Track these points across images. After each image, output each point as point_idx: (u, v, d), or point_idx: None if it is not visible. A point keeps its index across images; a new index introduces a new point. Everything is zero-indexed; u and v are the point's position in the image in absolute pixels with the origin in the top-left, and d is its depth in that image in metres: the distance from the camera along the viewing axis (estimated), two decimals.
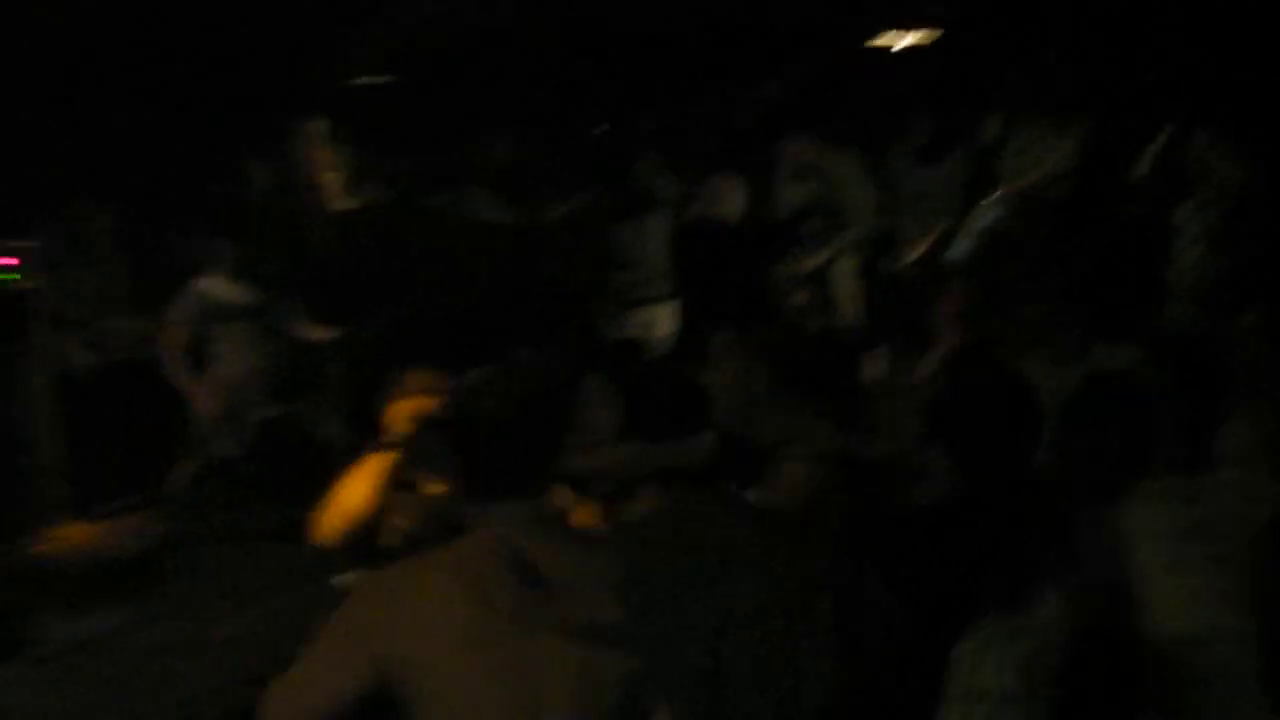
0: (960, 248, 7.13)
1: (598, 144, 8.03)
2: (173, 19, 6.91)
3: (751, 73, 8.01)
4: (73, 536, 6.60)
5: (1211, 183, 6.36)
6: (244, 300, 6.28)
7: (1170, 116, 6.66)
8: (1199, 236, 6.40)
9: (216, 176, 7.63)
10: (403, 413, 3.44)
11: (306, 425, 6.16)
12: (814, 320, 6.41)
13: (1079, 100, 7.14)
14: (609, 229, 7.36)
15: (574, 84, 8.00)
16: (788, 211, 7.68)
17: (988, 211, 7.15)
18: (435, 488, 3.16)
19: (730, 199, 7.66)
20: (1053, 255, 6.88)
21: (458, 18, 7.81)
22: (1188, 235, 6.45)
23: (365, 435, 6.17)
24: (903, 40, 7.22)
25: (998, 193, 7.21)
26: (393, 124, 8.18)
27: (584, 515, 2.75)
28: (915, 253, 7.34)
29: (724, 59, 7.93)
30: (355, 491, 3.44)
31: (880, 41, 7.30)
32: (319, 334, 6.49)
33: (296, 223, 7.87)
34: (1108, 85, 7.15)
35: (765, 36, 7.68)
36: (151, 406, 6.35)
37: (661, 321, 7.24)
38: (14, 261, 5.59)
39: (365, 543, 3.42)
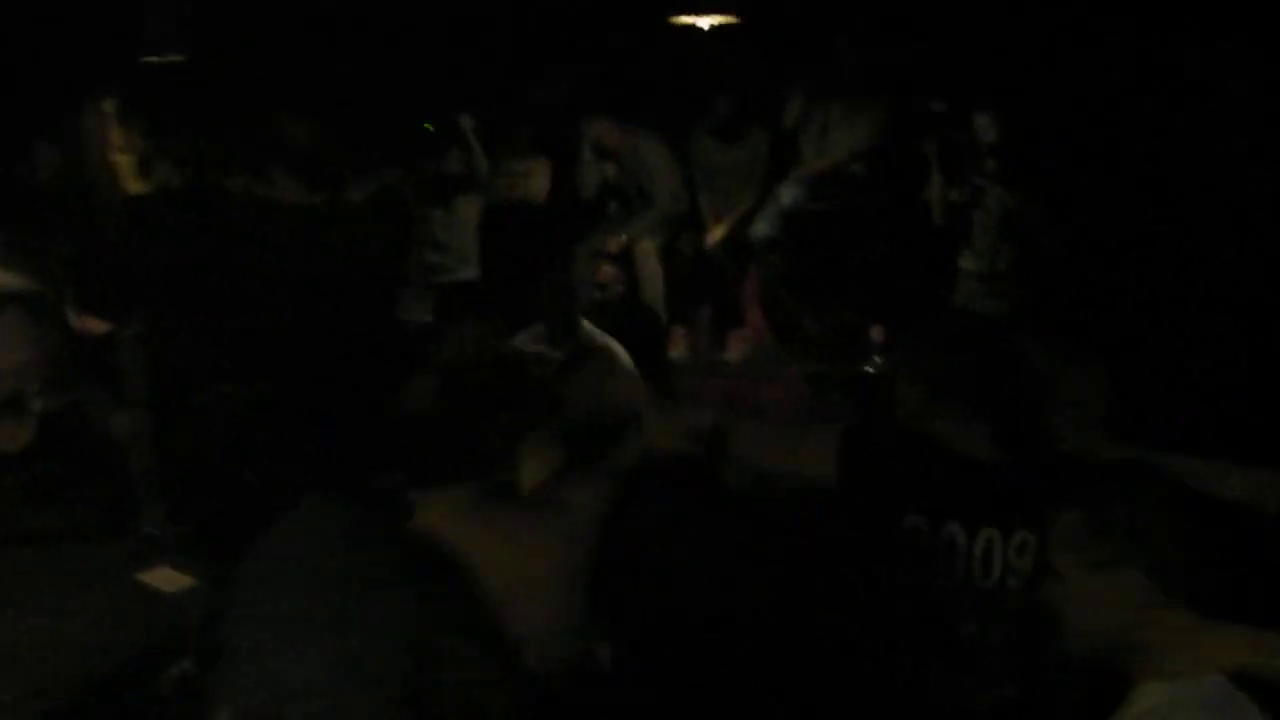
0: (762, 227, 7.23)
1: (402, 123, 7.91)
2: None
3: (555, 52, 7.98)
4: None
5: (999, 172, 6.58)
6: (17, 285, 5.96)
7: (962, 102, 6.87)
8: (988, 225, 6.60)
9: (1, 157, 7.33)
10: None
11: (91, 417, 5.92)
12: (619, 299, 6.44)
13: (876, 82, 7.30)
14: (415, 210, 7.27)
15: (376, 62, 7.87)
16: (591, 191, 7.70)
17: (789, 191, 7.26)
18: None
19: (535, 180, 7.65)
20: (853, 234, 7.05)
21: None
22: (979, 222, 6.66)
23: (163, 424, 6.03)
24: (704, 20, 7.26)
25: (798, 172, 7.34)
26: (187, 103, 7.95)
27: None
28: (718, 232, 7.42)
29: (528, 38, 7.89)
30: None
31: (682, 21, 7.32)
32: (94, 326, 6.23)
33: (87, 206, 7.62)
34: (904, 68, 7.31)
35: (569, 16, 7.65)
36: None
37: (470, 304, 7.17)
38: None
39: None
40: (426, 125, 7.28)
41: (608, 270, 6.45)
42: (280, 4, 7.68)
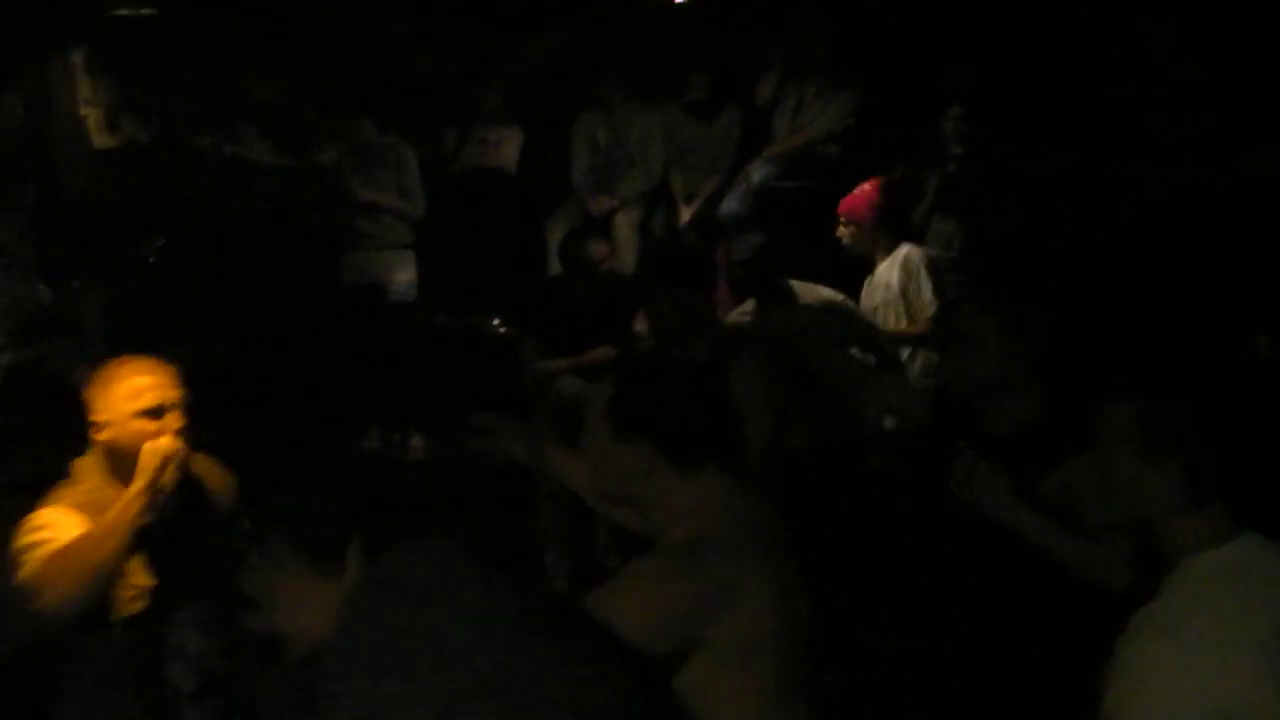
0: (732, 204, 7.24)
1: (374, 88, 7.85)
2: None
3: (527, 23, 7.95)
4: None
5: (967, 158, 6.60)
6: None
7: (932, 88, 6.89)
8: (949, 211, 6.64)
9: None
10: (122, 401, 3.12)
11: (56, 369, 5.88)
12: (597, 269, 6.43)
13: (850, 62, 7.30)
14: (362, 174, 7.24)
15: (349, 25, 7.82)
16: (583, 161, 7.68)
17: (760, 169, 7.27)
18: None
19: (506, 149, 7.63)
20: (823, 213, 7.05)
21: None
22: (939, 209, 6.69)
23: None
24: None
25: (770, 150, 7.34)
26: (156, 58, 7.87)
27: None
28: (690, 208, 7.43)
29: (499, 7, 7.85)
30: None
31: None
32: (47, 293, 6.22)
33: (51, 159, 7.54)
34: (876, 49, 7.32)
35: None
36: None
37: (401, 268, 7.20)
38: None
39: None
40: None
41: (603, 249, 6.42)
42: None
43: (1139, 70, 6.60)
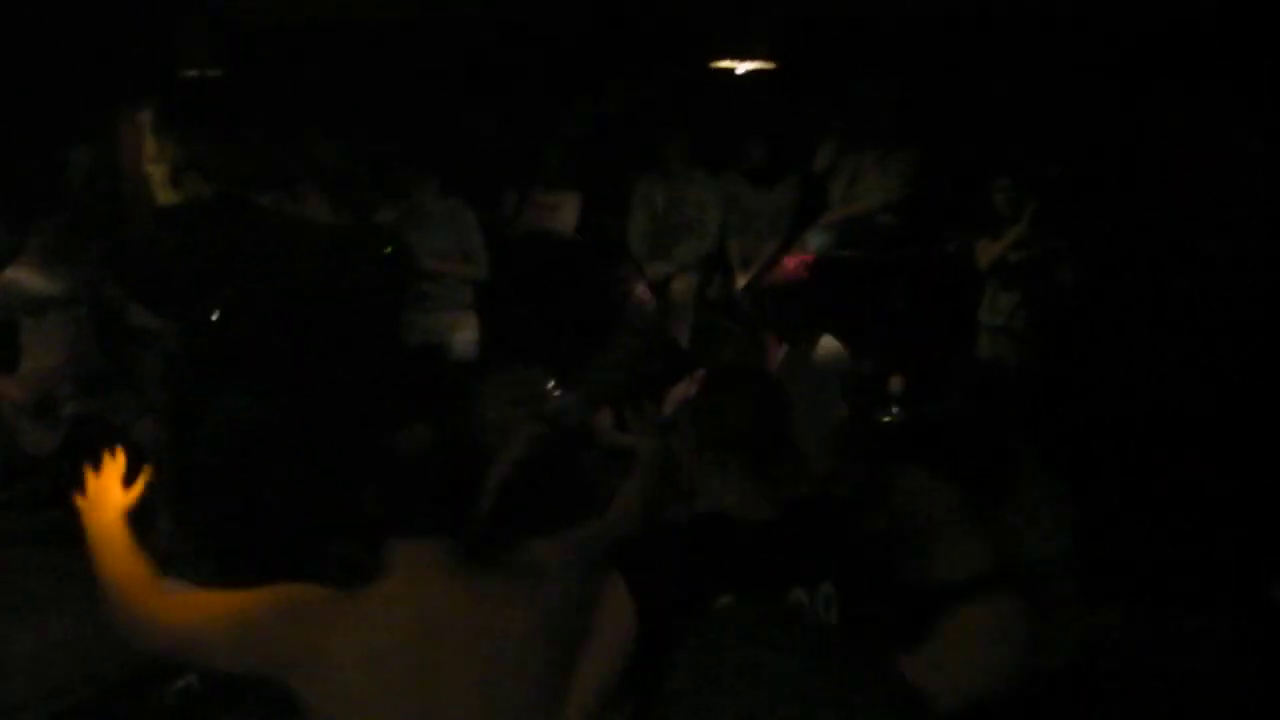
0: None
1: (432, 150, 7.92)
2: None
3: (590, 88, 8.01)
4: None
5: (1022, 229, 6.59)
6: (56, 290, 5.98)
7: (987, 159, 6.90)
8: (1011, 281, 6.61)
9: (35, 162, 7.36)
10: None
11: (117, 423, 5.93)
12: (650, 335, 6.41)
13: (906, 133, 7.31)
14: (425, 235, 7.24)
15: (409, 85, 7.91)
16: (640, 226, 7.67)
17: (816, 236, 7.27)
18: None
19: (564, 213, 7.66)
20: (877, 283, 7.06)
21: (291, 11, 7.66)
22: (999, 278, 6.67)
23: (182, 434, 6.02)
24: (740, 65, 7.26)
25: (827, 218, 7.35)
26: (221, 117, 7.99)
27: None
28: (746, 275, 7.42)
29: (560, 73, 7.92)
30: None
31: (719, 65, 7.33)
32: (145, 320, 6.27)
33: (117, 213, 7.65)
34: (933, 121, 7.33)
35: (604, 53, 7.68)
36: None
37: (462, 328, 7.20)
38: None
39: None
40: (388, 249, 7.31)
41: (645, 292, 6.40)
42: (314, 23, 7.71)
43: (1201, 141, 6.60)
